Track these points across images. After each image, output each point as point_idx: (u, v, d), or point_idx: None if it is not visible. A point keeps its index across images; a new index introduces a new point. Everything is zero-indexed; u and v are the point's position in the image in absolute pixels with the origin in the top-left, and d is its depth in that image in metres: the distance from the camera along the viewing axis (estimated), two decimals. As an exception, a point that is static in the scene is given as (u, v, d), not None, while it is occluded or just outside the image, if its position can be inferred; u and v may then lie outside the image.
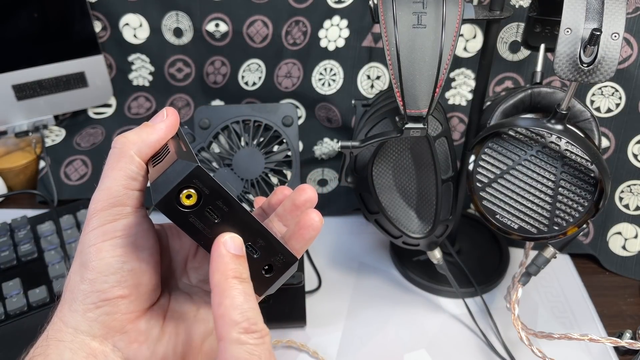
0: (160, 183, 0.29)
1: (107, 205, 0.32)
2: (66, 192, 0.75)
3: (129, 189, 0.32)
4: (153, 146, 0.33)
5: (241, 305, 0.29)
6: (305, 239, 0.36)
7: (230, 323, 0.29)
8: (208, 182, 0.29)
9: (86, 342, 0.31)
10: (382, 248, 0.70)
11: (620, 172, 0.68)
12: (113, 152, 0.33)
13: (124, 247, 0.32)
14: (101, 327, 0.31)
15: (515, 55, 0.69)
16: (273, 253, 0.32)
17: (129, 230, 0.32)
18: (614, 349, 0.57)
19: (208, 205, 0.30)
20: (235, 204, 0.30)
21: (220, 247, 0.30)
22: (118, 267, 0.31)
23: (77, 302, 0.31)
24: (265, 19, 0.72)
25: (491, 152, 0.52)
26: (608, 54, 0.43)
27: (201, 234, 0.30)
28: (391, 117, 0.53)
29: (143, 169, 0.33)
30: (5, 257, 0.59)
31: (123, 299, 0.32)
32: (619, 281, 0.67)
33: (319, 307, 0.61)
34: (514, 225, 0.52)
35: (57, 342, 0.31)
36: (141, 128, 0.34)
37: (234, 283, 0.30)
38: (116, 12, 0.74)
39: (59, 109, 0.78)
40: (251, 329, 0.29)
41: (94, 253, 0.31)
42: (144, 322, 0.33)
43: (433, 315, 0.61)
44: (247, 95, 0.77)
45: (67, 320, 0.32)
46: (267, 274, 0.32)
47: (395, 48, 0.46)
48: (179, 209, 0.29)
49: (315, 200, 0.37)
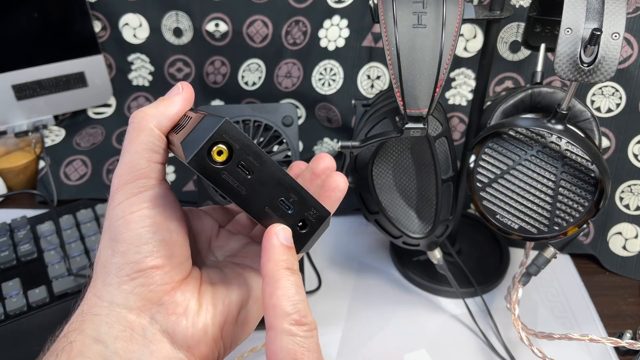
0: (191, 141, 0.29)
1: (130, 178, 0.32)
2: (66, 192, 0.75)
3: (152, 161, 0.32)
4: (172, 118, 0.33)
5: (293, 297, 0.29)
6: (332, 200, 0.36)
7: (282, 314, 0.29)
8: (238, 136, 0.29)
9: (122, 314, 0.31)
10: (382, 248, 0.70)
11: (621, 172, 0.68)
12: (132, 127, 0.33)
13: (153, 217, 0.31)
14: (137, 299, 0.31)
15: (515, 55, 0.69)
16: (306, 208, 0.32)
17: (156, 202, 0.32)
18: (614, 349, 0.57)
19: (240, 160, 0.29)
20: (267, 158, 0.30)
21: (273, 238, 0.30)
22: (149, 237, 0.31)
23: (111, 275, 0.31)
24: (265, 18, 0.72)
25: (491, 152, 0.52)
26: (608, 54, 0.43)
27: (235, 190, 0.30)
28: (391, 117, 0.53)
29: (164, 142, 0.33)
30: (5, 257, 0.59)
31: (157, 270, 0.31)
32: (619, 281, 0.67)
33: (319, 307, 0.61)
34: (514, 225, 0.52)
35: (92, 317, 0.31)
36: (159, 102, 0.34)
37: (286, 274, 0.30)
38: (116, 12, 0.74)
39: (58, 109, 0.78)
40: (302, 321, 0.29)
41: (123, 225, 0.31)
42: (179, 294, 0.32)
43: (433, 315, 0.61)
44: (247, 95, 0.77)
45: (101, 295, 0.31)
46: (302, 230, 0.32)
47: (395, 48, 0.46)
48: (211, 165, 0.29)
49: (334, 167, 0.38)
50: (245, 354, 0.55)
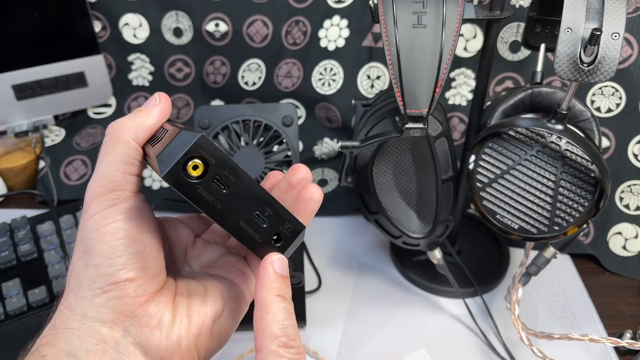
0: (167, 155, 0.29)
1: (105, 190, 0.32)
2: (66, 192, 0.75)
3: (127, 173, 0.32)
4: (149, 130, 0.33)
5: (282, 322, 0.30)
6: (307, 212, 0.36)
7: (271, 336, 0.30)
8: (214, 151, 0.29)
9: (95, 328, 0.31)
10: (382, 248, 0.70)
11: (621, 172, 0.68)
12: (108, 138, 0.33)
13: (127, 229, 0.31)
14: (110, 312, 0.31)
15: (515, 55, 0.69)
16: (281, 222, 0.32)
17: (130, 214, 0.32)
18: (614, 349, 0.57)
19: (215, 175, 0.29)
20: (242, 173, 0.30)
21: (268, 267, 0.31)
22: (123, 249, 0.31)
23: (84, 288, 0.31)
24: (265, 18, 0.72)
25: (491, 152, 0.52)
26: (608, 54, 0.43)
27: (210, 205, 0.30)
28: (391, 117, 0.53)
29: (140, 154, 0.33)
30: (5, 257, 0.59)
31: (131, 282, 0.31)
32: (619, 281, 0.67)
33: (319, 307, 0.61)
34: (514, 225, 0.52)
35: (64, 330, 0.31)
36: (135, 113, 0.34)
37: (277, 300, 0.31)
38: (116, 11, 0.74)
39: (58, 108, 0.78)
40: (289, 344, 0.30)
41: (97, 238, 0.31)
42: (153, 306, 0.32)
43: (433, 315, 0.61)
44: (247, 95, 0.77)
45: (74, 308, 0.31)
46: (277, 243, 0.32)
47: (396, 48, 0.46)
48: (186, 180, 0.29)
49: (309, 178, 0.38)
50: (244, 354, 0.55)
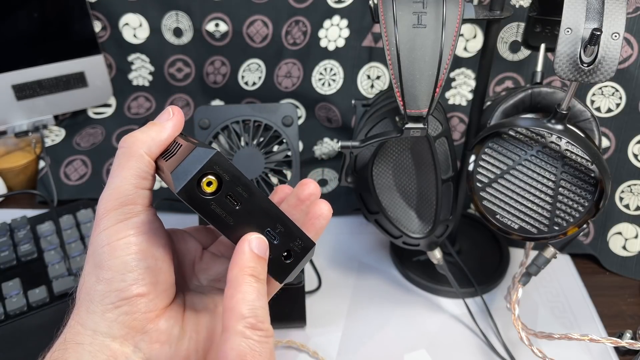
0: (181, 171, 0.29)
1: (117, 204, 0.32)
2: (66, 192, 0.75)
3: (139, 187, 0.32)
4: (162, 144, 0.33)
5: (252, 302, 0.29)
6: (316, 228, 0.36)
7: (238, 316, 0.29)
8: (228, 168, 0.29)
9: (106, 343, 0.31)
10: (382, 248, 0.70)
11: (621, 172, 0.68)
12: (122, 151, 0.33)
13: (138, 244, 0.31)
14: (121, 327, 0.31)
15: (515, 55, 0.69)
16: (292, 238, 0.32)
17: (142, 228, 0.32)
18: (614, 349, 0.57)
19: (228, 191, 0.30)
20: (255, 190, 0.30)
21: (244, 245, 0.30)
22: (134, 265, 0.31)
23: (95, 303, 0.31)
24: (265, 18, 0.72)
25: (491, 152, 0.52)
26: (608, 54, 0.43)
27: (223, 221, 0.30)
28: (391, 117, 0.53)
29: (153, 168, 0.33)
30: (5, 257, 0.59)
31: (142, 298, 0.31)
32: (619, 281, 0.67)
33: (319, 307, 0.61)
34: (514, 225, 0.52)
35: (75, 345, 0.31)
36: (149, 127, 0.34)
37: (250, 280, 0.30)
38: (116, 12, 0.74)
39: (58, 109, 0.78)
40: (257, 326, 0.29)
41: (108, 252, 0.31)
42: (163, 322, 0.32)
43: (433, 315, 0.61)
44: (247, 95, 0.77)
45: (84, 323, 0.31)
46: (287, 260, 0.32)
47: (396, 48, 0.46)
48: (200, 196, 0.29)
49: (318, 193, 0.38)
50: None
